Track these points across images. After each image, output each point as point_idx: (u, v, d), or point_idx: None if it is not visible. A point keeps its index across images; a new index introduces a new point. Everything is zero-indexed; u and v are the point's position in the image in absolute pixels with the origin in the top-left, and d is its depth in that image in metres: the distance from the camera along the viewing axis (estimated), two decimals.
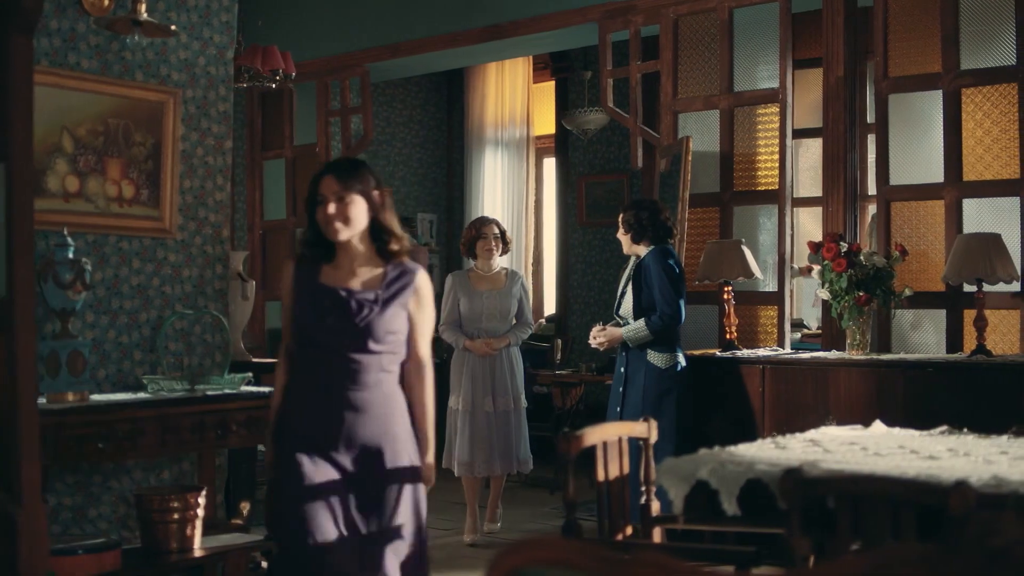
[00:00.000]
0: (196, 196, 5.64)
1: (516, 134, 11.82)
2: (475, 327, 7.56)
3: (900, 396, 6.05)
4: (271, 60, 7.80)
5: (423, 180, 12.33)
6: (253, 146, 10.44)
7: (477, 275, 7.68)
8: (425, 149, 12.35)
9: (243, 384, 5.15)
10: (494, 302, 7.56)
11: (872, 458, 3.60)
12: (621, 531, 4.22)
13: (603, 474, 4.17)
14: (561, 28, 8.50)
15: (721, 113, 7.57)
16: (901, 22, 6.94)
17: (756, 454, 3.70)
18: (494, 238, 7.63)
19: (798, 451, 3.77)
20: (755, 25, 7.57)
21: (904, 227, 6.90)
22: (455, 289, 7.65)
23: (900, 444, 3.88)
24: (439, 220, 12.45)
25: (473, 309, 7.54)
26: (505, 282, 7.67)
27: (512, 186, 11.85)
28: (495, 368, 7.55)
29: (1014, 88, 6.58)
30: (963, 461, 3.51)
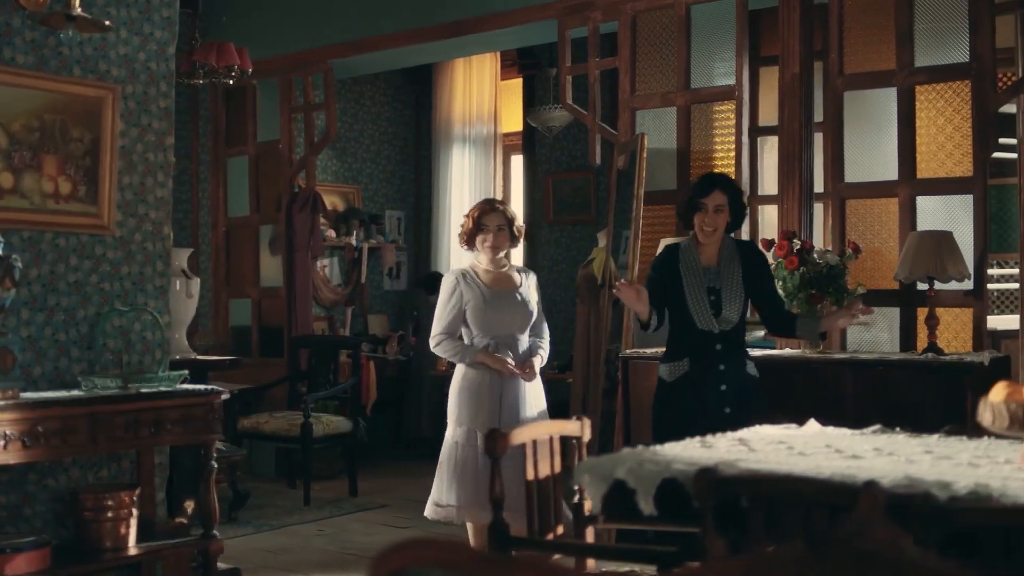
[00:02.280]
0: (136, 193, 5.59)
1: (484, 131, 11.78)
2: (488, 338, 6.05)
3: (851, 394, 6.02)
4: (227, 56, 7.75)
5: (391, 177, 12.28)
6: (217, 143, 10.40)
7: (486, 272, 6.19)
8: (393, 146, 12.31)
9: (179, 382, 5.10)
10: (513, 305, 6.12)
11: (795, 457, 3.56)
12: (552, 531, 4.19)
13: (533, 473, 4.13)
14: (522, 24, 8.47)
15: (678, 110, 7.54)
16: (856, 19, 6.93)
17: (679, 453, 3.66)
18: (497, 230, 6.15)
19: (723, 450, 3.74)
20: (713, 22, 7.55)
21: (859, 224, 6.88)
22: (460, 291, 6.10)
23: (827, 443, 3.84)
24: (407, 217, 12.41)
25: (489, 316, 6.04)
26: (520, 280, 6.25)
27: (480, 183, 11.81)
28: (520, 390, 6.05)
29: (967, 85, 6.57)
30: (885, 461, 3.47)
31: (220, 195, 10.42)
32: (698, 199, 5.47)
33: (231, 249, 10.45)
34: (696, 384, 5.42)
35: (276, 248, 10.14)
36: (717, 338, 5.43)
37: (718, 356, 5.45)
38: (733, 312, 5.45)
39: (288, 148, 9.98)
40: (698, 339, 5.46)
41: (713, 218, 5.43)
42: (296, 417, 8.78)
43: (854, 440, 3.96)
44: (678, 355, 5.52)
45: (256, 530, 7.66)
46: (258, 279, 10.31)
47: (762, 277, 5.57)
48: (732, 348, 5.50)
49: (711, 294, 5.46)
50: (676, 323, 5.53)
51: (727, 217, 5.47)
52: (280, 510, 8.36)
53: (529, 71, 11.46)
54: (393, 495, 8.93)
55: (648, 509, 3.33)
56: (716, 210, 5.42)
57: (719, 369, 5.44)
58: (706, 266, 5.50)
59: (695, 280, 5.47)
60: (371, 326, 11.80)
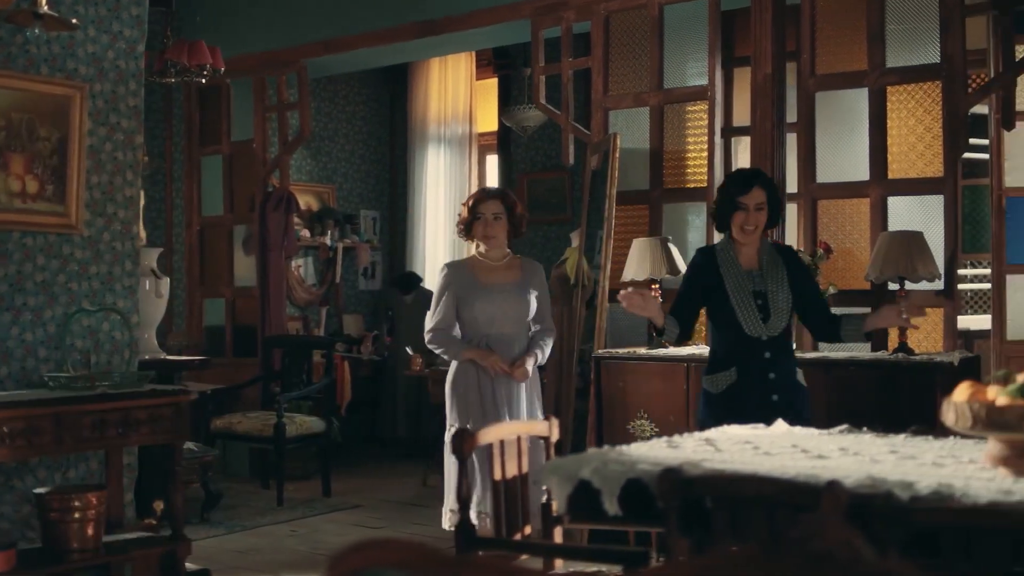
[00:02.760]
0: (104, 192, 5.56)
1: (459, 131, 11.77)
2: (482, 334, 5.80)
3: (823, 394, 6.03)
4: (198, 55, 7.72)
5: (366, 177, 12.26)
6: (191, 142, 10.36)
7: (483, 265, 5.88)
8: (368, 145, 12.29)
9: (147, 382, 5.08)
10: (509, 300, 5.81)
11: (760, 457, 3.56)
12: (520, 530, 4.19)
13: (500, 473, 4.13)
14: (495, 24, 8.46)
15: (651, 110, 7.54)
16: (828, 20, 6.94)
17: (645, 453, 3.65)
18: (494, 219, 5.81)
19: (689, 450, 3.73)
20: (686, 22, 7.55)
21: (830, 225, 6.89)
22: (452, 285, 5.81)
23: (793, 443, 3.84)
24: (382, 217, 12.38)
25: (481, 311, 5.77)
26: (521, 273, 5.92)
27: (455, 183, 11.80)
28: (512, 389, 5.80)
29: (938, 86, 6.59)
30: (850, 460, 3.48)
31: (194, 194, 10.39)
32: (737, 198, 5.13)
33: (205, 249, 10.42)
34: (745, 395, 5.10)
35: (250, 248, 10.11)
36: (766, 345, 5.10)
37: (767, 364, 5.12)
38: (781, 317, 5.12)
39: (262, 147, 9.95)
40: (746, 346, 5.12)
41: (755, 216, 5.11)
42: (269, 417, 8.75)
43: (821, 440, 3.96)
44: (724, 364, 5.18)
45: (228, 531, 7.63)
46: (232, 279, 10.28)
47: (806, 280, 5.28)
48: (782, 356, 5.18)
49: (757, 298, 5.13)
50: (720, 330, 5.22)
51: (767, 214, 5.17)
52: (253, 510, 8.33)
53: (504, 71, 11.45)
54: (367, 495, 8.92)
55: (613, 509, 3.33)
56: (757, 208, 5.11)
57: (769, 378, 5.12)
58: (748, 269, 5.18)
59: (739, 283, 5.14)
60: (346, 326, 11.78)
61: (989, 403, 3.13)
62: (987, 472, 3.21)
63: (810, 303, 5.25)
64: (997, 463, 3.20)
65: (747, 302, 5.10)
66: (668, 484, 3.13)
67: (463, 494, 3.96)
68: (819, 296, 5.40)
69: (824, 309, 5.33)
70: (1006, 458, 3.17)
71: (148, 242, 10.07)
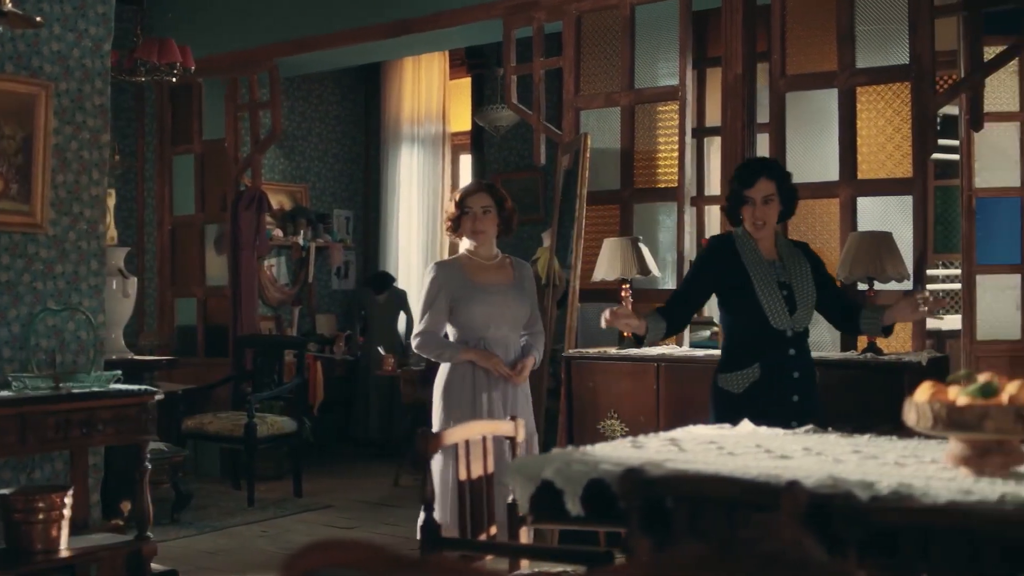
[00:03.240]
0: (70, 191, 5.53)
1: (432, 130, 11.76)
2: (477, 337, 5.42)
3: None
4: (168, 53, 7.68)
5: (339, 176, 12.23)
6: (163, 141, 10.32)
7: (475, 264, 5.52)
8: (341, 145, 12.26)
9: (112, 382, 5.05)
10: (506, 302, 5.46)
11: (724, 457, 3.56)
12: (485, 531, 4.18)
13: (465, 473, 4.12)
14: (467, 24, 8.45)
15: (622, 110, 7.54)
16: (798, 20, 6.95)
17: (608, 453, 3.65)
18: (482, 213, 5.46)
19: (652, 450, 3.73)
20: (657, 22, 7.55)
21: (800, 225, 6.90)
22: (446, 286, 5.41)
23: (757, 443, 3.84)
24: (355, 216, 12.36)
25: (479, 313, 5.39)
26: (513, 273, 5.58)
27: (428, 183, 11.79)
28: (509, 394, 5.46)
29: (907, 87, 6.60)
30: (813, 460, 3.48)
31: (165, 194, 10.34)
32: (743, 192, 4.88)
33: (176, 248, 10.38)
34: (767, 395, 4.83)
35: (222, 247, 10.08)
36: (791, 341, 4.86)
37: (792, 362, 4.87)
38: (807, 311, 4.91)
39: (234, 147, 9.92)
40: (771, 341, 4.86)
41: (763, 210, 4.85)
42: (240, 417, 8.72)
43: (785, 440, 3.96)
44: (746, 361, 4.89)
45: (198, 531, 7.60)
46: (204, 278, 10.24)
47: (823, 271, 5.04)
48: (804, 353, 4.94)
49: (783, 289, 4.87)
50: (741, 324, 4.95)
51: (779, 206, 4.91)
52: (223, 511, 8.30)
53: (477, 70, 11.44)
54: (339, 496, 8.89)
55: (575, 510, 3.32)
56: (765, 201, 4.86)
57: (793, 377, 4.87)
58: (770, 260, 4.94)
59: (764, 272, 4.88)
60: (319, 326, 11.76)
61: (950, 403, 3.14)
62: (948, 472, 3.21)
63: (830, 294, 5.02)
64: (958, 463, 3.20)
65: (774, 293, 4.84)
66: (629, 484, 3.13)
67: (426, 496, 3.95)
68: (837, 289, 5.16)
69: (843, 299, 5.12)
70: (967, 458, 3.18)
71: (120, 241, 10.04)
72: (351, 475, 9.90)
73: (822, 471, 3.24)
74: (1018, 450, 3.21)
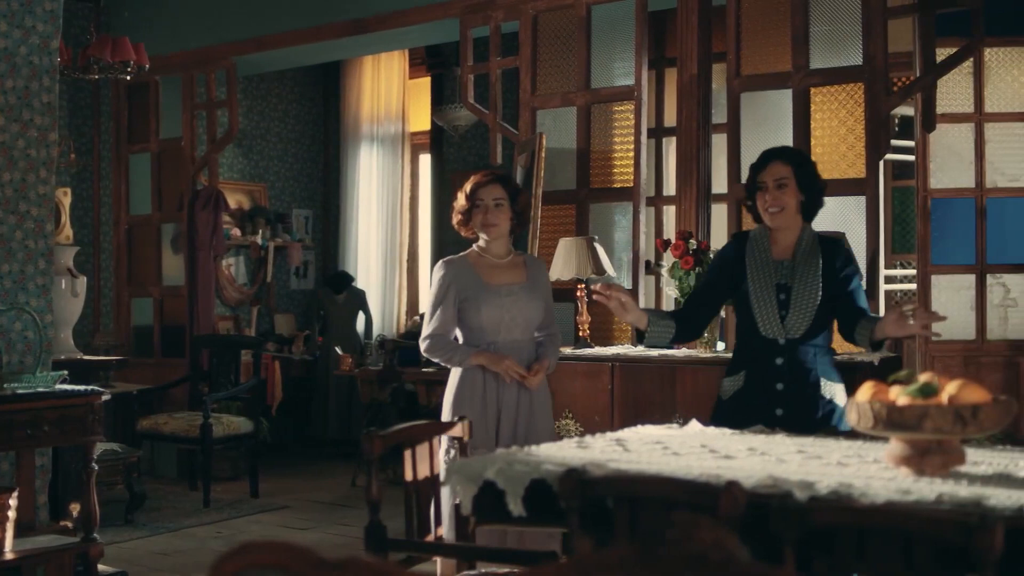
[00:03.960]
0: (16, 189, 5.47)
1: (392, 130, 11.73)
2: (488, 342, 5.03)
3: None
4: (122, 51, 7.62)
5: (298, 175, 12.19)
6: (119, 140, 10.25)
7: (486, 262, 5.09)
8: (301, 144, 12.21)
9: (58, 383, 5.00)
10: (519, 304, 5.04)
11: (668, 457, 3.56)
12: (432, 532, 4.16)
13: (411, 474, 4.10)
14: (424, 23, 8.43)
15: (578, 110, 7.54)
16: (753, 21, 6.97)
17: (552, 453, 3.64)
18: (495, 205, 5.03)
19: (597, 450, 3.72)
20: (614, 22, 7.55)
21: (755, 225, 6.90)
22: (455, 285, 5.02)
23: (703, 444, 3.84)
24: (315, 216, 12.32)
25: (489, 315, 5.00)
26: (527, 272, 5.15)
27: (387, 182, 11.76)
28: (524, 400, 5.05)
29: (860, 88, 6.62)
30: (756, 461, 3.48)
31: (122, 192, 10.27)
32: (756, 176, 4.61)
33: (133, 247, 10.31)
34: (749, 405, 4.55)
35: (178, 247, 10.02)
36: (781, 350, 4.54)
37: (777, 373, 4.54)
38: (804, 317, 4.51)
39: (190, 145, 9.86)
40: (758, 349, 4.59)
41: (776, 195, 4.53)
42: (196, 418, 8.66)
43: (731, 440, 3.96)
44: (736, 367, 4.69)
45: (152, 532, 7.55)
46: (160, 278, 10.17)
47: (844, 280, 4.57)
48: (798, 365, 4.55)
49: (780, 292, 4.55)
50: (739, 328, 4.71)
51: (797, 194, 4.54)
52: (179, 512, 8.24)
53: (437, 70, 11.41)
54: (296, 496, 8.85)
55: (517, 510, 3.31)
56: (778, 185, 4.53)
57: (775, 389, 4.53)
58: (779, 259, 4.61)
59: (762, 274, 4.59)
60: (278, 325, 11.71)
61: (890, 403, 3.15)
62: (889, 472, 3.22)
63: (844, 300, 4.56)
64: (899, 463, 3.21)
65: (767, 296, 4.55)
66: (570, 484, 3.12)
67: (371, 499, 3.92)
68: (850, 293, 4.59)
69: (850, 307, 4.58)
70: (907, 458, 3.19)
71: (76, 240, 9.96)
72: (309, 475, 9.86)
73: (764, 471, 3.25)
74: (958, 450, 3.22)
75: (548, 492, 3.25)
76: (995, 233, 7.31)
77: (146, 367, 9.84)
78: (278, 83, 11.90)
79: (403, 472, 4.06)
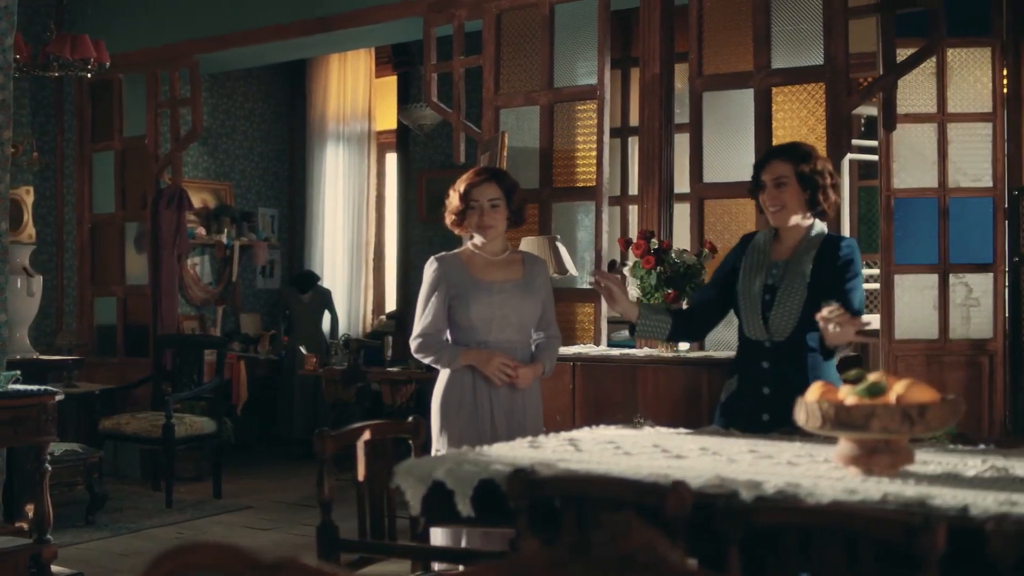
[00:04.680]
0: None
1: (358, 129, 11.70)
2: (478, 341, 4.81)
3: (706, 393, 6.04)
4: (81, 48, 7.57)
5: (264, 174, 12.13)
6: (82, 138, 10.18)
7: (479, 259, 4.90)
8: (267, 142, 12.15)
9: (10, 383, 4.96)
10: (511, 302, 4.82)
11: (619, 457, 3.55)
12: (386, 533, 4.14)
13: (363, 474, 4.08)
14: (388, 21, 8.40)
15: (541, 109, 7.52)
16: (716, 20, 6.97)
17: (504, 453, 3.63)
18: (491, 206, 4.83)
19: (550, 450, 3.71)
20: (577, 22, 7.53)
21: (716, 224, 6.92)
22: (444, 281, 4.82)
23: (656, 443, 3.83)
24: (281, 215, 12.27)
25: (478, 313, 4.78)
26: (523, 270, 4.93)
27: (354, 181, 11.73)
28: (515, 403, 4.84)
29: (821, 88, 6.63)
30: (707, 460, 3.47)
31: (85, 191, 10.20)
32: (758, 175, 4.52)
33: (96, 246, 10.23)
34: (741, 408, 4.50)
35: (142, 246, 9.95)
36: (767, 352, 4.46)
37: (763, 376, 4.46)
38: (788, 319, 4.40)
39: (154, 144, 9.80)
40: (748, 352, 4.55)
41: (775, 194, 4.44)
42: (158, 418, 8.60)
43: (684, 440, 3.96)
44: (732, 370, 4.66)
45: (113, 533, 7.50)
46: (124, 277, 10.09)
47: (837, 281, 4.39)
48: (787, 368, 4.41)
49: (766, 293, 4.47)
50: (739, 330, 4.61)
51: (799, 192, 4.43)
52: (140, 512, 8.19)
53: (403, 68, 11.39)
54: (259, 496, 8.82)
55: (466, 510, 3.30)
56: (777, 184, 4.44)
57: (763, 393, 4.44)
58: (775, 260, 4.53)
59: (753, 274, 4.53)
60: (244, 325, 11.66)
61: (838, 403, 3.15)
62: (838, 472, 3.22)
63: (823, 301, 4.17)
64: (847, 463, 3.21)
65: (752, 298, 4.49)
66: (517, 484, 3.11)
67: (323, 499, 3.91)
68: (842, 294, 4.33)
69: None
70: (856, 457, 3.19)
71: (38, 239, 9.90)
72: (274, 475, 9.82)
73: (714, 471, 3.24)
74: (907, 449, 3.22)
75: (498, 492, 3.24)
76: (958, 233, 7.34)
77: (110, 367, 9.78)
78: (245, 81, 11.85)
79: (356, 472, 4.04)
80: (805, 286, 4.38)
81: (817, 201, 4.46)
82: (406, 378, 9.33)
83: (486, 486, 3.29)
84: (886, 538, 2.63)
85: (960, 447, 3.74)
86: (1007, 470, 3.24)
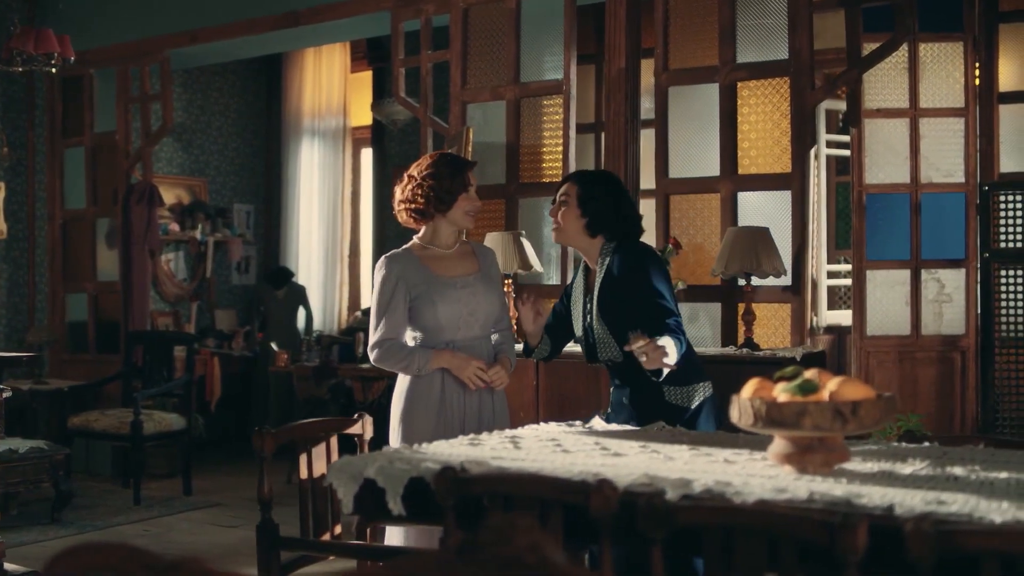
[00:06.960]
0: None
1: (333, 124, 11.65)
2: (444, 341, 4.53)
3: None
4: (45, 43, 7.50)
5: (239, 170, 12.07)
6: (53, 133, 10.13)
7: (432, 253, 4.59)
8: (242, 138, 12.09)
9: None
10: (476, 297, 4.56)
11: (556, 455, 3.51)
12: (329, 531, 4.11)
13: (306, 472, 4.05)
14: (357, 16, 8.35)
15: (507, 104, 7.48)
16: (681, 14, 6.93)
17: (440, 451, 3.59)
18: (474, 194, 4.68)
19: (489, 448, 3.67)
20: (543, 16, 7.49)
21: (682, 220, 6.89)
22: (403, 281, 4.49)
23: (596, 441, 3.79)
24: (256, 210, 12.21)
25: (443, 313, 4.49)
26: (478, 262, 4.67)
27: (329, 177, 11.68)
28: (482, 402, 4.59)
29: (786, 82, 6.60)
30: (643, 458, 3.44)
31: (56, 187, 10.14)
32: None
33: (68, 242, 10.18)
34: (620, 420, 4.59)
35: (113, 241, 9.90)
36: (616, 371, 4.68)
37: (618, 391, 4.71)
38: (611, 350, 4.60)
39: (125, 139, 9.74)
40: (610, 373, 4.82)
41: (553, 211, 4.65)
42: (128, 415, 8.55)
43: (627, 438, 3.92)
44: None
45: (79, 531, 7.45)
46: (95, 273, 10.04)
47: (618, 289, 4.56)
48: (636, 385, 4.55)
49: (589, 336, 4.74)
50: None
51: (576, 214, 4.54)
52: (108, 510, 8.14)
53: (378, 64, 11.34)
54: (229, 494, 8.76)
55: (396, 508, 3.27)
56: (558, 202, 4.61)
57: (622, 403, 4.65)
58: (590, 283, 4.72)
59: (577, 305, 4.81)
60: (219, 321, 11.61)
61: (771, 400, 3.11)
62: (773, 470, 3.18)
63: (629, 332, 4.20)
64: (782, 461, 3.17)
65: (579, 326, 4.76)
66: (444, 483, 3.08)
67: (263, 498, 3.87)
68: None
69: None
70: (789, 455, 3.15)
71: (9, 235, 9.85)
72: (246, 472, 9.76)
73: (648, 468, 3.20)
74: (841, 447, 3.19)
75: (428, 490, 3.21)
76: (930, 229, 7.29)
77: (81, 363, 9.74)
78: (219, 77, 11.80)
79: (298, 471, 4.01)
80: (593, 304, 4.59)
81: (601, 223, 4.55)
82: (377, 374, 9.27)
83: (417, 484, 3.26)
84: (808, 538, 2.58)
85: (904, 445, 3.71)
86: (944, 468, 3.20)
